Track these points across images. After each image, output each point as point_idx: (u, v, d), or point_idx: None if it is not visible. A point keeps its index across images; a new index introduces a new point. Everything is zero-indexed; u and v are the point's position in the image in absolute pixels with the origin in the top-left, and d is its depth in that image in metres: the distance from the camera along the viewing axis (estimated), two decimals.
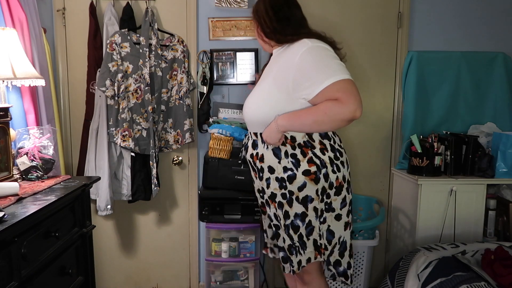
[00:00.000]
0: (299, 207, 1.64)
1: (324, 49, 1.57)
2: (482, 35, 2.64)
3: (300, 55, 1.55)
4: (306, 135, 1.63)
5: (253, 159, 1.73)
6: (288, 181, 1.63)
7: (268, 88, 1.65)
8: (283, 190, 1.65)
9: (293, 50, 1.60)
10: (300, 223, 1.66)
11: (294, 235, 1.67)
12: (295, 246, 1.69)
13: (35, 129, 1.97)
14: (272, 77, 1.65)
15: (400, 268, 2.14)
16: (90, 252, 1.95)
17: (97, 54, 2.45)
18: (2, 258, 1.29)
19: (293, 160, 1.63)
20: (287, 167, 1.63)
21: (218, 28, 2.58)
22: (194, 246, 2.77)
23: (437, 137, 2.45)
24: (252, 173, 1.83)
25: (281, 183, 1.65)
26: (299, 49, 1.57)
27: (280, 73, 1.62)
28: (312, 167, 1.61)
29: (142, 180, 2.47)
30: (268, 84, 1.65)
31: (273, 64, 1.73)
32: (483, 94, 2.62)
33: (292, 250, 1.69)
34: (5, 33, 1.80)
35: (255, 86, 1.78)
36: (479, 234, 2.41)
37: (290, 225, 1.67)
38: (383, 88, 2.67)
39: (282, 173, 1.64)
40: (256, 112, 1.68)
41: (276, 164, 1.64)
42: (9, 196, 1.57)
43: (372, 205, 2.65)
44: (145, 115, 2.42)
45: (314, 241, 1.69)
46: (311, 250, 1.70)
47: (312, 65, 1.54)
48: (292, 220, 1.66)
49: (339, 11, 2.60)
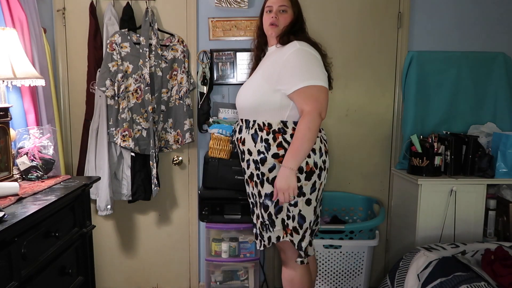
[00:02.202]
0: (269, 187, 1.79)
1: (310, 54, 1.76)
2: (482, 35, 2.64)
3: (288, 55, 1.74)
4: (281, 122, 1.78)
5: (237, 142, 1.92)
6: (261, 163, 1.80)
7: (257, 80, 1.86)
8: (257, 171, 1.82)
9: (284, 50, 1.78)
10: (269, 202, 1.81)
11: (265, 214, 1.83)
12: (266, 224, 1.84)
13: (35, 129, 1.97)
14: (262, 70, 1.86)
15: (400, 268, 2.14)
16: (90, 252, 1.95)
17: (97, 54, 2.45)
18: (2, 258, 1.29)
19: (265, 144, 1.78)
20: (260, 150, 1.79)
21: (218, 28, 2.58)
22: (194, 246, 2.77)
23: (437, 137, 2.45)
24: (240, 156, 1.98)
25: (255, 165, 1.82)
26: (289, 49, 1.76)
27: (269, 68, 1.82)
28: (280, 151, 1.76)
29: (142, 180, 2.47)
30: (258, 77, 1.87)
31: (266, 60, 1.91)
32: (483, 94, 2.62)
33: (263, 227, 1.86)
34: (5, 33, 1.80)
35: (248, 79, 1.97)
36: (479, 234, 2.41)
37: (262, 204, 1.83)
38: (383, 88, 2.67)
39: (256, 156, 1.81)
40: (247, 100, 1.86)
41: (253, 147, 1.82)
42: (9, 196, 1.57)
43: (372, 205, 2.65)
44: (145, 115, 2.42)
45: (282, 220, 1.82)
46: (279, 228, 1.82)
47: (295, 65, 1.73)
48: (263, 200, 1.82)
49: (339, 11, 2.60)
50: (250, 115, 1.85)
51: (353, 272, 2.40)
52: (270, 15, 1.87)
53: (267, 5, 1.91)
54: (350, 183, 2.72)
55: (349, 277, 2.40)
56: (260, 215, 1.86)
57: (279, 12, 1.86)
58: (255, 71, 1.95)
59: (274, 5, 1.87)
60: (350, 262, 2.38)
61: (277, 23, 1.85)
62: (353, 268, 2.39)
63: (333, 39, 2.56)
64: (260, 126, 1.80)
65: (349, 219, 2.70)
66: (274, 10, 1.86)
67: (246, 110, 1.87)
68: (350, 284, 2.43)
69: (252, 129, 1.82)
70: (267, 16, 1.89)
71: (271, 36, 1.90)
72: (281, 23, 1.85)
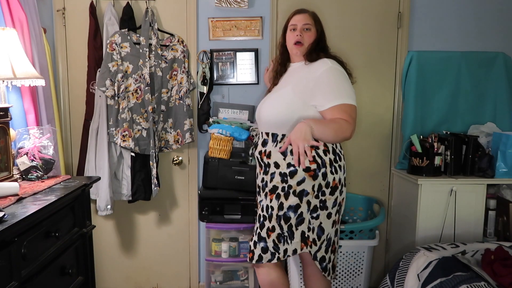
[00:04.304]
0: (294, 200, 1.79)
1: (342, 73, 1.82)
2: (482, 35, 2.64)
3: (322, 72, 1.78)
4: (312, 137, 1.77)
5: (260, 156, 1.90)
6: (289, 176, 1.79)
7: (287, 94, 1.84)
8: (284, 184, 1.81)
9: (315, 66, 1.83)
10: (292, 214, 1.80)
11: (285, 225, 1.81)
12: (284, 236, 1.83)
13: (35, 129, 1.97)
14: (292, 86, 1.85)
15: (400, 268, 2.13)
16: (90, 252, 1.95)
17: (97, 54, 2.45)
18: (2, 258, 1.29)
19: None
20: (290, 163, 1.79)
21: (218, 28, 2.58)
22: (194, 246, 2.77)
23: (437, 137, 2.45)
24: (258, 169, 1.98)
25: (283, 178, 1.81)
26: (321, 66, 1.81)
27: (300, 83, 1.83)
28: (312, 165, 1.77)
29: (142, 180, 2.47)
30: (288, 92, 1.85)
31: (292, 75, 1.93)
32: (483, 94, 2.62)
33: (280, 239, 1.83)
34: (5, 33, 1.80)
35: (271, 93, 1.97)
36: (479, 234, 2.41)
37: (282, 216, 1.81)
38: (383, 88, 2.67)
39: (285, 169, 1.80)
40: (276, 114, 1.85)
41: (281, 160, 1.81)
42: (9, 196, 1.57)
43: (372, 205, 2.65)
44: (145, 115, 2.42)
45: (302, 232, 1.82)
46: (297, 240, 1.82)
47: (330, 83, 1.77)
48: (285, 212, 1.81)
49: (339, 11, 2.60)
50: (279, 129, 1.84)
51: (353, 272, 2.40)
52: (294, 33, 1.91)
53: (291, 24, 1.94)
54: (350, 183, 2.72)
55: (349, 277, 2.40)
56: (277, 227, 1.82)
57: (303, 31, 1.90)
58: (277, 85, 1.96)
59: (299, 24, 1.91)
60: (350, 262, 2.37)
61: (302, 41, 1.89)
62: (353, 268, 2.39)
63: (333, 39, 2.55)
64: None
65: (349, 219, 2.70)
66: (298, 28, 1.90)
67: (274, 124, 1.85)
68: (350, 284, 2.43)
69: (281, 142, 1.82)
70: (291, 34, 1.92)
71: (296, 54, 1.93)
72: (306, 41, 1.90)
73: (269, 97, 1.96)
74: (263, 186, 1.90)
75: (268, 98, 1.96)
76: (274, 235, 1.83)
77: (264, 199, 1.88)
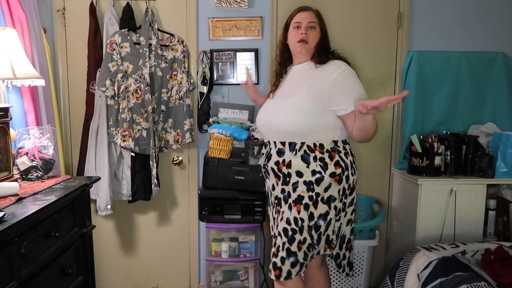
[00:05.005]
0: (323, 207, 1.74)
1: (355, 73, 1.77)
2: (482, 35, 2.64)
3: (337, 75, 1.71)
4: (332, 141, 1.77)
5: (278, 166, 1.79)
6: (316, 183, 1.73)
7: (303, 101, 1.75)
8: (310, 193, 1.74)
9: (328, 70, 1.75)
10: (322, 222, 1.75)
11: (315, 234, 1.76)
12: (313, 244, 1.77)
13: (35, 129, 1.97)
14: (307, 91, 1.75)
15: (400, 268, 2.13)
16: (90, 252, 1.95)
17: (97, 54, 2.45)
18: (2, 258, 1.29)
19: (321, 164, 1.73)
20: (315, 170, 1.73)
21: (218, 28, 2.58)
22: (194, 246, 2.77)
23: (437, 137, 2.45)
24: (273, 180, 1.86)
25: (308, 186, 1.74)
26: (335, 69, 1.73)
27: (315, 88, 1.74)
28: (338, 170, 1.74)
29: (142, 180, 2.47)
30: (302, 98, 1.75)
31: (301, 79, 1.82)
32: (483, 94, 2.62)
33: (310, 248, 1.77)
34: (5, 33, 1.80)
35: (277, 99, 1.86)
36: (479, 234, 2.41)
37: (313, 226, 1.75)
38: (383, 88, 2.67)
39: (310, 177, 1.73)
40: (291, 122, 1.75)
41: (305, 168, 1.74)
42: (9, 196, 1.57)
43: (372, 205, 2.65)
44: (145, 115, 2.42)
45: (327, 236, 1.79)
46: (322, 244, 1.80)
47: (348, 86, 1.71)
48: (315, 221, 1.75)
49: (339, 11, 2.60)
50: (296, 137, 1.75)
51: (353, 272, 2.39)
52: (298, 31, 1.82)
53: (294, 21, 1.84)
54: None
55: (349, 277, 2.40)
56: (308, 238, 1.75)
57: (308, 29, 1.81)
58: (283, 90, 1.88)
59: (303, 21, 1.82)
60: None
61: (307, 39, 1.80)
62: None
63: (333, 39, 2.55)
64: (311, 147, 1.74)
65: None
66: (303, 26, 1.81)
67: (291, 133, 1.76)
68: (350, 284, 2.43)
69: (301, 151, 1.74)
70: (295, 32, 1.83)
71: (300, 53, 1.84)
72: (311, 40, 1.81)
73: (277, 103, 1.86)
74: (285, 197, 1.80)
75: (276, 104, 1.85)
76: (305, 246, 1.75)
77: (288, 211, 1.77)
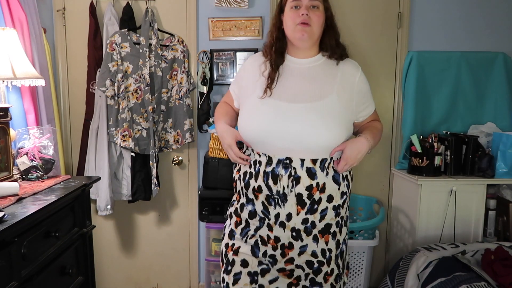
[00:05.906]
0: (345, 230, 1.54)
1: None
2: (482, 35, 2.64)
3: (359, 77, 1.50)
4: None
5: (311, 192, 1.40)
6: (342, 206, 1.48)
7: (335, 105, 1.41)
8: (337, 218, 1.48)
9: (348, 70, 1.50)
10: (345, 246, 1.55)
11: (341, 261, 1.52)
12: (340, 274, 1.52)
13: (35, 129, 1.97)
14: (336, 93, 1.42)
15: (400, 268, 2.14)
16: (90, 252, 1.95)
17: (97, 54, 2.45)
18: (2, 258, 1.29)
19: (347, 183, 1.50)
20: (344, 191, 1.48)
21: (218, 28, 2.58)
22: (194, 246, 2.77)
23: (437, 137, 2.45)
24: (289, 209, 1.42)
25: (336, 211, 1.47)
26: (355, 70, 1.51)
27: (343, 91, 1.44)
28: (351, 183, 1.55)
29: (142, 180, 2.47)
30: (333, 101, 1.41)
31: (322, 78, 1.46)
32: (483, 94, 2.61)
33: (338, 279, 1.51)
34: (5, 33, 1.80)
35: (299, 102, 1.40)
36: (479, 234, 2.41)
37: (339, 254, 1.51)
38: (383, 88, 2.67)
39: (339, 200, 1.46)
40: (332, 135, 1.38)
41: (336, 191, 1.45)
42: (9, 196, 1.57)
43: (372, 205, 2.65)
44: (145, 115, 2.42)
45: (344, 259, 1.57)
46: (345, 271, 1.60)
47: (367, 91, 1.54)
48: (341, 247, 1.51)
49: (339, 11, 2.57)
50: (327, 152, 1.41)
51: (353, 272, 2.40)
52: (298, 11, 1.41)
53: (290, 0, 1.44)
54: None
55: (349, 277, 2.40)
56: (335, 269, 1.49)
57: (310, 8, 1.42)
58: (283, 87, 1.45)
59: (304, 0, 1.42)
60: (350, 262, 2.37)
61: (309, 22, 1.40)
62: (353, 268, 2.38)
63: None
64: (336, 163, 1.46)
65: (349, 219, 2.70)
66: (303, 5, 1.41)
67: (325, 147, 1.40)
68: (350, 284, 2.43)
69: (329, 169, 1.43)
70: (293, 13, 1.42)
71: (301, 39, 1.42)
72: (314, 23, 1.41)
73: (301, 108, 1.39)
74: (307, 229, 1.43)
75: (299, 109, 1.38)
76: (332, 278, 1.48)
77: (313, 243, 1.44)
